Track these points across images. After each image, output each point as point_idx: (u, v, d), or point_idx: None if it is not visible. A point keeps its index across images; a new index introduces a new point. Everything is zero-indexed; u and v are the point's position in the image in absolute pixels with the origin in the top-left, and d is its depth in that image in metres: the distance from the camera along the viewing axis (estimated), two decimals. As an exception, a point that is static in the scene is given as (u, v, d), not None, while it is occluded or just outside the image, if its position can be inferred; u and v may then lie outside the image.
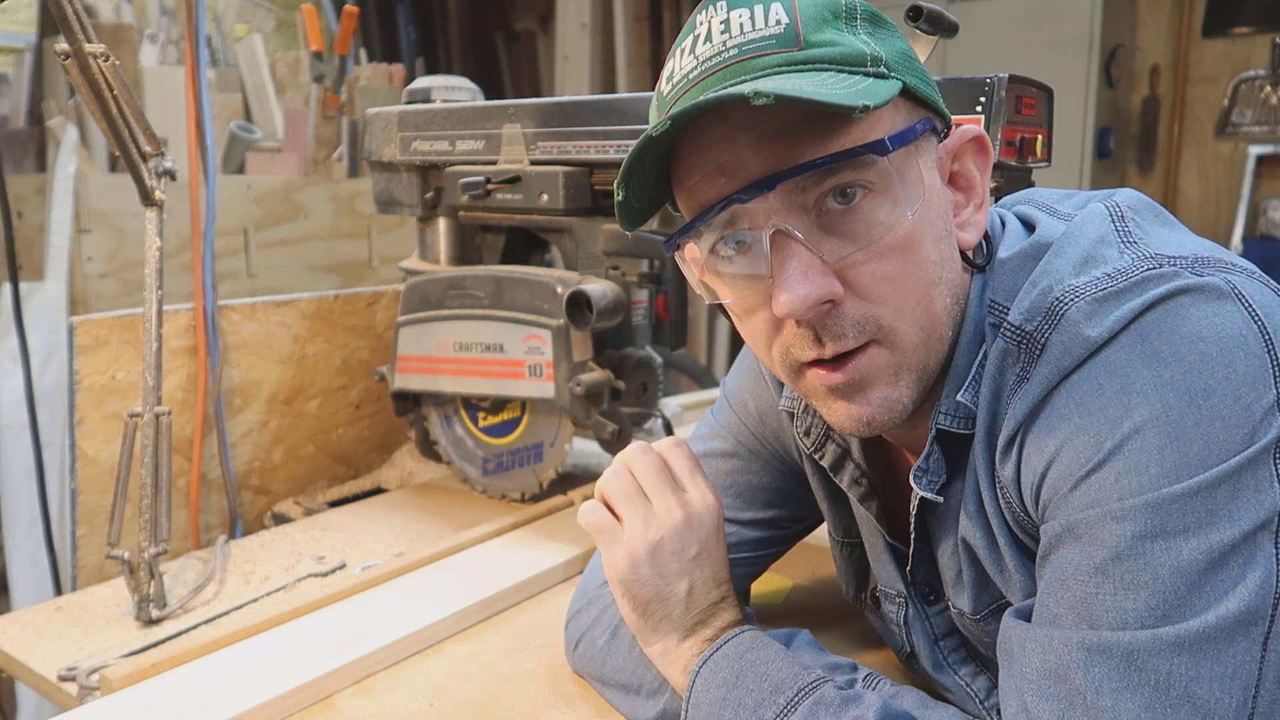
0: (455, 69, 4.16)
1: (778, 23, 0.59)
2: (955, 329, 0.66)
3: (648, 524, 0.75)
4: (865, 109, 0.54)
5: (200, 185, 1.49)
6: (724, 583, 0.78)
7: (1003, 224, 0.70)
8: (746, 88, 0.55)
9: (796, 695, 0.67)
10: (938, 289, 0.63)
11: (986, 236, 0.67)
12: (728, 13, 0.61)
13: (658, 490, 0.76)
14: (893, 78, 0.60)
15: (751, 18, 0.60)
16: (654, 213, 0.68)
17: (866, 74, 0.59)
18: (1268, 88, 3.35)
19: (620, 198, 0.64)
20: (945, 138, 0.65)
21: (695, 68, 0.61)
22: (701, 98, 0.58)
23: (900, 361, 0.63)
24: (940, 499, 0.68)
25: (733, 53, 0.60)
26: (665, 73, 0.65)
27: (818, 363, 0.63)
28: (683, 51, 0.63)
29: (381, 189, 1.43)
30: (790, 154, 0.59)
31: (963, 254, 0.66)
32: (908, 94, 0.61)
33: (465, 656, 0.94)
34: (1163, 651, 0.51)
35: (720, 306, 0.67)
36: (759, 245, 0.61)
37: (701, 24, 0.62)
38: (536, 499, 1.34)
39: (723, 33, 0.60)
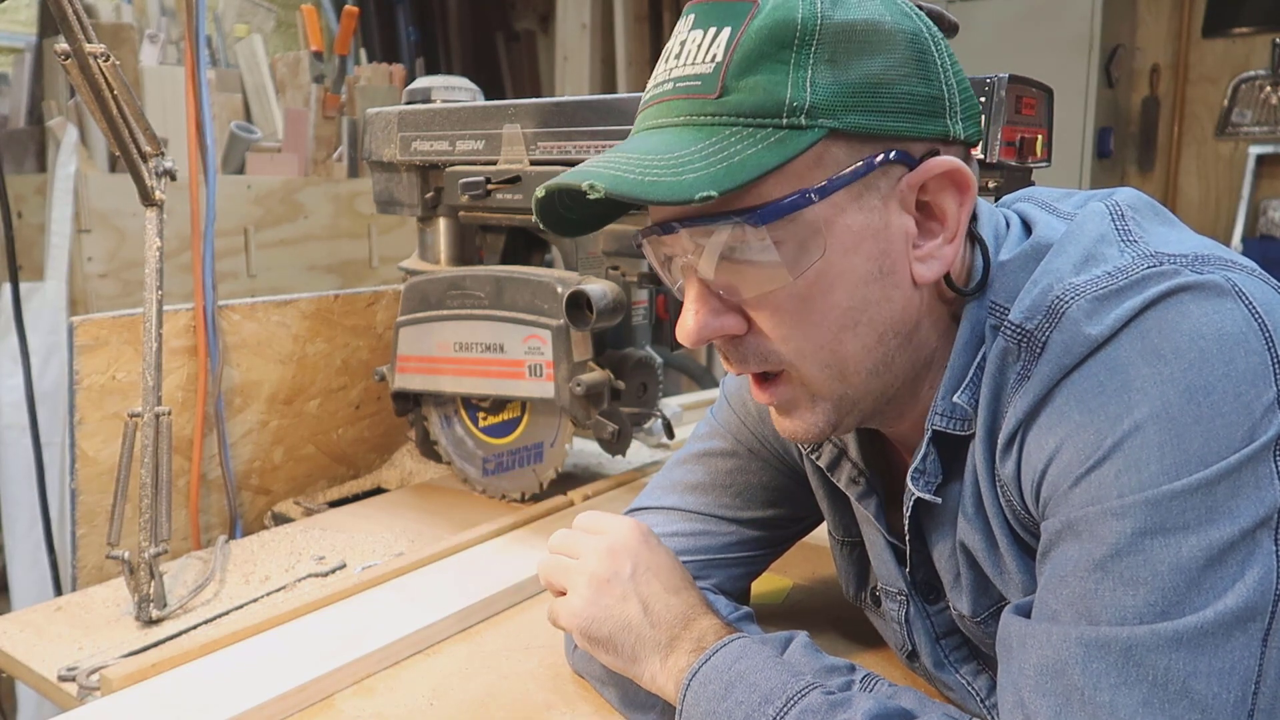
0: (455, 69, 4.17)
1: (712, 59, 0.59)
2: (908, 356, 0.66)
3: (579, 571, 0.79)
4: (707, 198, 0.55)
5: (200, 185, 1.48)
6: (683, 589, 0.78)
7: (1007, 224, 0.69)
8: (585, 181, 0.58)
9: (785, 704, 0.67)
10: (852, 331, 0.62)
11: (985, 258, 0.66)
12: (688, 32, 0.62)
13: (577, 544, 0.82)
14: (813, 127, 0.57)
15: (699, 44, 0.61)
16: (612, 220, 0.71)
17: (778, 126, 0.58)
18: (1268, 88, 3.35)
19: (543, 226, 0.69)
20: (921, 162, 0.61)
21: (655, 88, 0.64)
22: (563, 176, 0.61)
23: (815, 393, 0.66)
24: (938, 500, 0.68)
25: (667, 88, 0.62)
26: (652, 75, 0.66)
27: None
28: (663, 59, 0.64)
29: (381, 189, 1.43)
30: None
31: (949, 281, 0.65)
32: (848, 135, 0.58)
33: (465, 656, 0.94)
34: (1161, 647, 0.51)
35: None
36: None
37: (676, 34, 0.63)
38: (536, 499, 1.34)
39: (678, 55, 0.62)
